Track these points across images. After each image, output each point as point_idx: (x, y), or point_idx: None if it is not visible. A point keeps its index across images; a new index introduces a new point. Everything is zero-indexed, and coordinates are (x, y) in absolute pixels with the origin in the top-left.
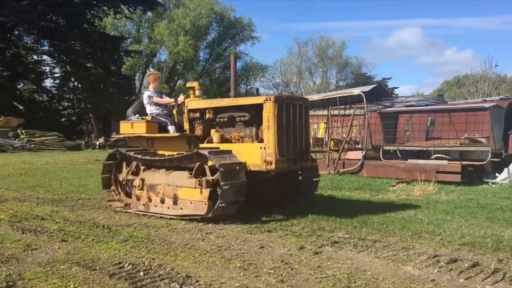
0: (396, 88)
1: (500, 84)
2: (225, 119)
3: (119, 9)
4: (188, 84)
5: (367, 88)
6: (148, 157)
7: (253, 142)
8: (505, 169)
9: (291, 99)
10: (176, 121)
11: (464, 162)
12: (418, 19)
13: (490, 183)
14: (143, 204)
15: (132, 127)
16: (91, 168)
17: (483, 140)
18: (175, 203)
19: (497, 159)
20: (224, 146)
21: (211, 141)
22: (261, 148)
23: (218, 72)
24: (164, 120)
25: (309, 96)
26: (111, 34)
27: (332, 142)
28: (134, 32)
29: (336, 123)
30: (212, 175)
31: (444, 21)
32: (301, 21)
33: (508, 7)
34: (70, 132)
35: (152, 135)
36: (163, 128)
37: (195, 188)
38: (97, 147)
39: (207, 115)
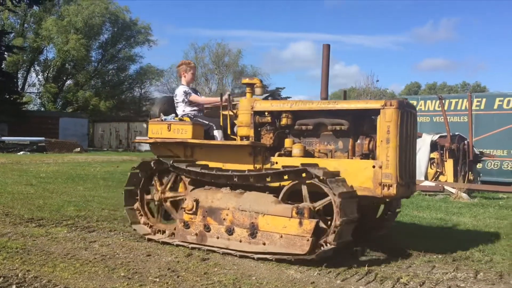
0: (289, 97)
1: (380, 98)
2: (309, 127)
3: (1, 1)
4: (246, 80)
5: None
6: (245, 173)
7: (349, 158)
8: None
9: (409, 106)
10: (221, 124)
11: None
12: (313, 33)
13: None
14: (196, 234)
15: (169, 129)
16: None
17: None
18: (252, 235)
19: None
20: (312, 162)
21: (287, 154)
22: (374, 166)
23: (111, 73)
24: (207, 123)
25: None
26: None
27: None
28: (18, 26)
29: None
30: (311, 202)
31: (336, 37)
32: (202, 27)
33: (395, 28)
34: None
35: (206, 141)
36: (205, 133)
37: (291, 217)
38: None
39: (283, 121)
